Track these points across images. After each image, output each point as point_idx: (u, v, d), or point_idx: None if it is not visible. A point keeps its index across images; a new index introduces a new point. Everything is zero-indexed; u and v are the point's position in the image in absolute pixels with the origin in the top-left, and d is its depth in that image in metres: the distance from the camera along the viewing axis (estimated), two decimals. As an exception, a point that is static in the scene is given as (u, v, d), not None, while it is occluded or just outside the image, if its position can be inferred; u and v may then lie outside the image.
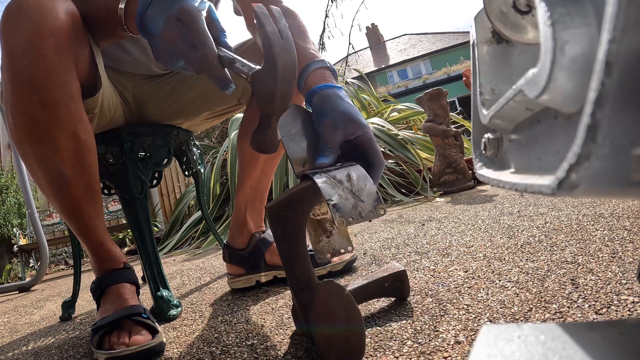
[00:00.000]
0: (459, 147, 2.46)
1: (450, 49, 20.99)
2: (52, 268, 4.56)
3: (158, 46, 0.61)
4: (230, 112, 1.15)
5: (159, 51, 0.62)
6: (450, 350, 0.50)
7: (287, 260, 0.55)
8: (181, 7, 0.59)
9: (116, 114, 0.94)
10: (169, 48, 0.60)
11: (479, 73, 0.34)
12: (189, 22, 0.58)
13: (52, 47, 0.67)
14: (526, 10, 0.29)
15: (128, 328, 0.72)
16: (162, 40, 0.60)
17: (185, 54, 0.59)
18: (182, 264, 1.95)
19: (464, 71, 2.72)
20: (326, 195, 0.50)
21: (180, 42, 0.58)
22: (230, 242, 1.07)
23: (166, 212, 4.64)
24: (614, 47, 0.15)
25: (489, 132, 0.34)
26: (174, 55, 0.60)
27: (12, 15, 0.67)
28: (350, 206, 0.50)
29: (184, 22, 0.58)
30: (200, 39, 0.57)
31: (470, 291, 0.69)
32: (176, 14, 0.59)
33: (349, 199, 0.51)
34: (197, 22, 0.58)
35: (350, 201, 0.50)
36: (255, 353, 0.63)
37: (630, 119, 0.16)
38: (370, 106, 3.64)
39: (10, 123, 0.72)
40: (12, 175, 4.79)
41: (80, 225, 0.79)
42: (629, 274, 0.61)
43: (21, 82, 0.68)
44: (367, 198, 0.51)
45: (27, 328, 1.21)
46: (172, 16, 0.59)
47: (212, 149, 3.66)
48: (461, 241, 1.07)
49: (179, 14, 0.59)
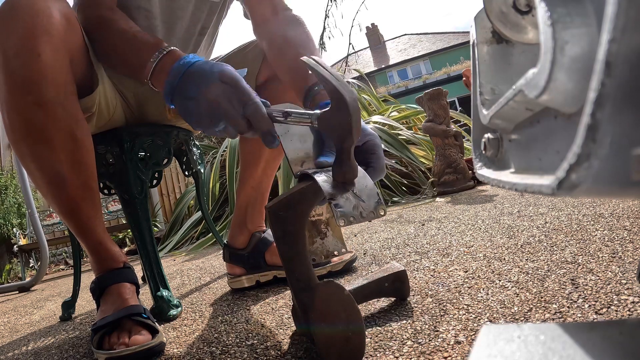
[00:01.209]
0: (459, 147, 2.46)
1: (450, 49, 20.99)
2: (52, 268, 4.56)
3: (199, 110, 0.59)
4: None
5: (200, 115, 0.59)
6: (450, 350, 0.50)
7: (287, 260, 0.55)
8: (222, 71, 0.59)
9: (116, 114, 0.94)
10: (212, 109, 0.58)
11: (479, 73, 0.34)
12: (233, 83, 0.58)
13: (46, 47, 0.67)
14: (526, 10, 0.29)
15: (128, 328, 0.72)
16: (206, 102, 0.58)
17: (231, 113, 0.57)
18: (182, 264, 1.95)
19: (464, 71, 2.72)
20: (327, 194, 0.50)
21: (225, 102, 0.57)
22: (231, 241, 1.07)
23: (166, 212, 4.64)
24: (614, 47, 0.15)
25: (489, 132, 0.34)
26: (218, 116, 0.58)
27: (4, 16, 0.67)
28: (351, 206, 0.50)
29: (228, 83, 0.58)
30: (249, 95, 0.57)
31: (470, 291, 0.69)
32: (219, 76, 0.58)
33: (350, 199, 0.51)
34: (242, 82, 0.58)
35: (351, 201, 0.51)
36: (255, 353, 0.63)
37: (630, 119, 0.16)
38: (370, 106, 3.64)
39: (7, 124, 0.72)
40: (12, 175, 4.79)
41: (78, 225, 0.79)
42: (629, 274, 0.61)
43: (16, 82, 0.68)
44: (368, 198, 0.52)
45: (27, 328, 1.21)
46: (216, 78, 0.58)
47: (212, 149, 3.66)
48: (461, 241, 1.07)
49: (222, 77, 0.58)
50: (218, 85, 0.58)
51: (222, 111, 0.57)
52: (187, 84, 0.60)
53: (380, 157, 0.62)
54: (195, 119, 0.60)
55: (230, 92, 0.58)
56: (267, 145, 0.58)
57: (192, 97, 0.59)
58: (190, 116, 0.60)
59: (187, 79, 0.60)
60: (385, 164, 0.62)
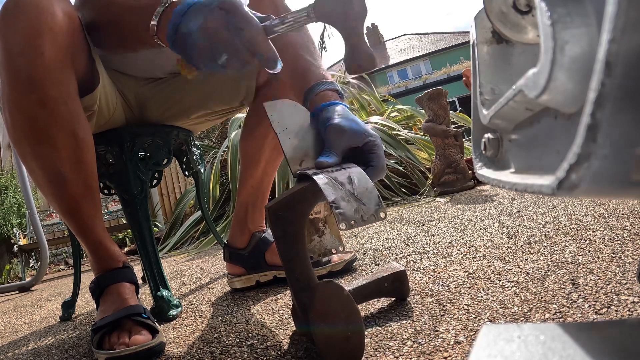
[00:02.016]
0: (459, 147, 2.46)
1: (450, 49, 20.98)
2: (52, 268, 4.56)
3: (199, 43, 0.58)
4: (231, 113, 1.15)
5: (201, 48, 0.58)
6: (450, 350, 0.50)
7: (287, 260, 0.55)
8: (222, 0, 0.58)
9: (116, 114, 0.94)
10: (212, 40, 0.58)
11: (479, 73, 0.34)
12: (233, 9, 0.57)
13: (50, 45, 0.67)
14: (526, 10, 0.29)
15: (128, 328, 0.72)
16: (206, 33, 0.57)
17: (231, 41, 0.57)
18: (182, 264, 1.95)
19: (464, 71, 2.72)
20: (329, 197, 0.50)
21: (224, 31, 0.57)
22: (231, 241, 1.07)
23: (166, 212, 4.64)
24: (614, 47, 0.15)
25: (489, 132, 0.34)
26: (218, 47, 0.58)
27: (9, 14, 0.67)
28: (352, 210, 0.49)
29: (228, 9, 0.57)
30: (247, 19, 0.57)
31: (470, 291, 0.69)
32: (219, 4, 0.58)
33: (351, 201, 0.50)
34: (240, 8, 0.58)
35: (352, 204, 0.50)
36: (255, 353, 0.63)
37: (630, 119, 0.16)
38: (370, 106, 3.64)
39: (8, 122, 0.72)
40: (12, 175, 4.79)
41: (78, 224, 0.79)
42: (629, 274, 0.61)
43: (19, 80, 0.68)
44: (369, 201, 0.51)
45: (27, 328, 1.21)
46: (215, 7, 0.58)
47: (212, 149, 3.66)
48: (461, 241, 1.07)
49: (221, 4, 0.58)
50: (216, 15, 0.58)
51: (221, 41, 0.57)
52: (187, 20, 0.59)
53: (380, 157, 0.61)
54: (197, 53, 0.59)
55: (229, 20, 0.57)
56: (269, 68, 0.58)
57: (192, 32, 0.58)
58: (192, 51, 0.59)
59: (187, 16, 0.59)
60: (385, 163, 0.62)
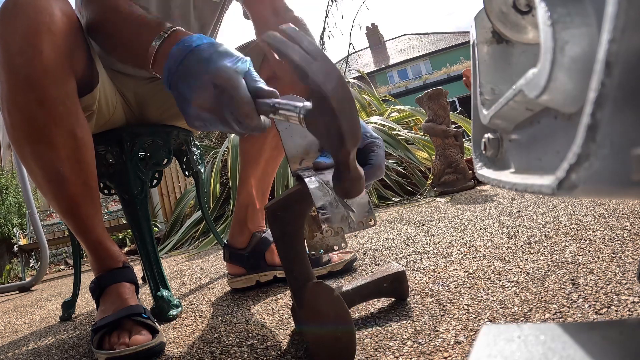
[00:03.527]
0: (459, 147, 2.46)
1: (450, 49, 20.99)
2: (52, 268, 4.56)
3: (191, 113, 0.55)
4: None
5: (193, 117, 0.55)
6: (451, 350, 0.50)
7: (286, 260, 0.55)
8: (218, 71, 0.52)
9: (116, 113, 0.94)
10: (205, 117, 0.54)
11: (479, 73, 0.34)
12: (227, 88, 0.51)
13: (49, 45, 0.67)
14: (526, 10, 0.29)
15: (128, 328, 0.72)
16: (199, 109, 0.54)
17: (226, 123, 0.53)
18: (182, 264, 1.95)
19: (464, 71, 2.72)
20: (316, 202, 0.48)
21: (219, 111, 0.53)
22: (231, 241, 1.07)
23: (166, 212, 4.64)
24: (614, 47, 0.15)
25: (489, 132, 0.34)
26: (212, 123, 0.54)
27: (7, 14, 0.67)
28: (339, 217, 0.47)
29: (223, 88, 0.52)
30: (238, 102, 0.51)
31: (470, 291, 0.69)
32: (213, 78, 0.52)
33: (339, 207, 0.48)
34: (238, 91, 0.51)
35: (340, 210, 0.48)
36: (255, 353, 0.63)
37: (630, 119, 0.16)
38: (370, 106, 3.64)
39: (7, 122, 0.72)
40: (12, 175, 4.80)
41: (78, 223, 0.79)
42: (629, 274, 0.61)
43: (18, 80, 0.68)
44: (359, 208, 0.49)
45: (27, 328, 1.20)
46: (209, 81, 0.52)
47: (212, 149, 3.67)
48: (461, 241, 1.07)
49: (217, 79, 0.52)
50: (211, 91, 0.53)
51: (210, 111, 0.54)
52: (184, 78, 0.55)
53: (379, 155, 0.60)
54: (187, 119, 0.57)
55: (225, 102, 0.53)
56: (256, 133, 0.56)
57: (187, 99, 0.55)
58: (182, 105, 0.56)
59: (182, 71, 0.55)
60: (384, 163, 0.61)
